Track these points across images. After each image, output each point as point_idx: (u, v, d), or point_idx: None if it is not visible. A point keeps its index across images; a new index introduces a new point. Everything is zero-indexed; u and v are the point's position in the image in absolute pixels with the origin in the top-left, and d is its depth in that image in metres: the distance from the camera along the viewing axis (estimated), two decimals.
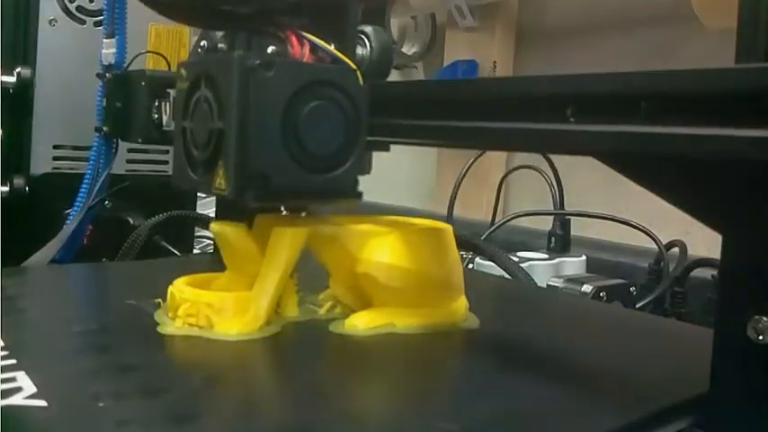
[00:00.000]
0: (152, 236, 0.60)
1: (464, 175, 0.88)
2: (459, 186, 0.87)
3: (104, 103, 0.60)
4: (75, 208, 0.60)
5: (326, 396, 0.29)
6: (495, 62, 1.48)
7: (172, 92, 0.55)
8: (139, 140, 0.57)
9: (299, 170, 0.34)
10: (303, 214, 0.39)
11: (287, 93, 0.33)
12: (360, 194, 0.36)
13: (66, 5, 0.66)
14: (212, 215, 0.37)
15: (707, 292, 0.66)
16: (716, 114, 0.23)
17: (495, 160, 1.11)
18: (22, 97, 0.65)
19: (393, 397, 0.31)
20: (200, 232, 0.76)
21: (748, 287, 0.27)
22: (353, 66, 0.36)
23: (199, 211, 0.74)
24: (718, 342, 0.28)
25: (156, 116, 0.56)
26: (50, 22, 0.66)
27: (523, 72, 1.49)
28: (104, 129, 0.60)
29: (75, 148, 0.67)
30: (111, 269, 0.54)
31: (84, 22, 0.67)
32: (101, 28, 0.61)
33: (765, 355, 0.26)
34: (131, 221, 0.65)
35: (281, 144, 0.33)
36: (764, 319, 0.26)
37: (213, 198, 0.36)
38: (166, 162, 0.73)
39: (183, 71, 0.36)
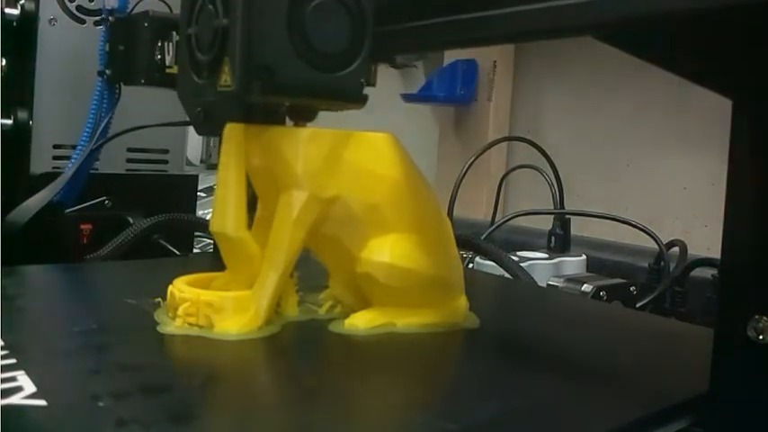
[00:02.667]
0: (150, 236, 0.60)
1: (464, 175, 0.88)
2: (459, 186, 0.87)
3: (107, 48, 0.60)
4: (77, 152, 0.60)
5: (326, 396, 0.29)
6: (495, 62, 1.49)
7: (175, 33, 0.55)
8: (142, 82, 0.57)
9: (305, 66, 0.34)
10: (308, 125, 0.38)
11: None
12: (365, 98, 0.37)
13: (66, 5, 0.66)
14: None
15: (707, 292, 0.66)
16: None
17: (496, 159, 1.11)
18: (25, 30, 0.65)
19: (393, 396, 0.31)
20: (199, 232, 0.76)
21: (748, 287, 0.27)
22: None
23: (199, 211, 0.74)
24: (718, 342, 0.28)
25: (159, 57, 0.56)
26: (50, 21, 0.66)
27: (524, 72, 1.50)
28: (107, 72, 0.60)
29: (76, 147, 0.66)
30: (111, 269, 0.54)
31: (84, 22, 0.67)
32: (101, 27, 0.61)
33: (765, 354, 0.26)
34: (131, 221, 0.65)
35: (286, 38, 0.33)
36: (764, 318, 0.26)
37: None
38: (166, 162, 0.73)
39: None
